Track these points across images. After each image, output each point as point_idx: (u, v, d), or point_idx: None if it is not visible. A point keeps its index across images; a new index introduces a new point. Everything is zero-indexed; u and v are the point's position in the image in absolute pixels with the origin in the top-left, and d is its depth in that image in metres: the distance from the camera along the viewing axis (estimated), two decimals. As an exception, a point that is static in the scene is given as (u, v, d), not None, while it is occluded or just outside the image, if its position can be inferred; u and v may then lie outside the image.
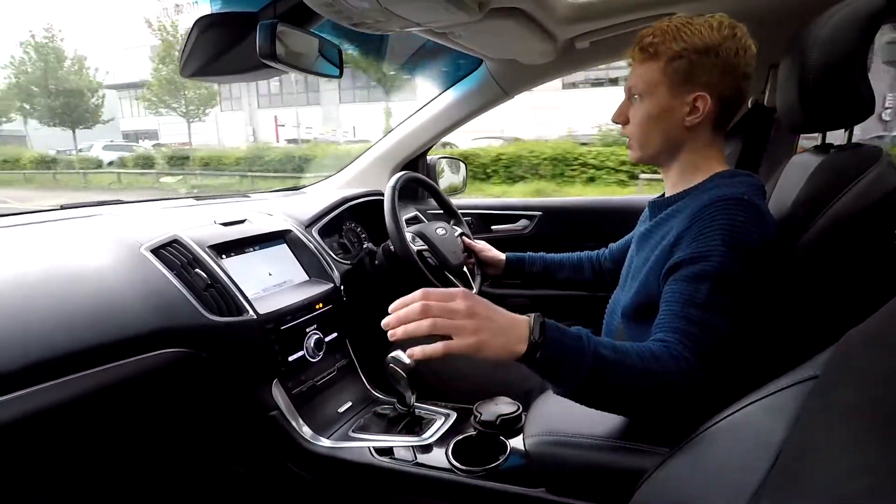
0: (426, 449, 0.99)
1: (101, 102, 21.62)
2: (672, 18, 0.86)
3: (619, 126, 0.97)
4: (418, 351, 0.68)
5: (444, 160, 1.98)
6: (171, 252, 1.02)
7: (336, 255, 1.39)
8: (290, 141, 21.10)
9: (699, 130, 0.88)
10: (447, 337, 0.66)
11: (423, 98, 1.81)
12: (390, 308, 0.71)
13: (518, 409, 0.94)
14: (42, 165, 17.41)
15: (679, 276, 0.79)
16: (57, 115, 20.88)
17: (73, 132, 21.16)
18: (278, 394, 1.06)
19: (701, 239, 0.78)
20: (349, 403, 1.16)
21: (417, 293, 0.69)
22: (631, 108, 0.92)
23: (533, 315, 0.69)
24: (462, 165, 2.06)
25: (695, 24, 0.84)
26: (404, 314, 0.68)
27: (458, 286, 1.34)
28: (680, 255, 0.80)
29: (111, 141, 20.64)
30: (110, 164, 17.26)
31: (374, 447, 1.01)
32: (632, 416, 0.79)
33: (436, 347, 0.67)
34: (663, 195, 0.99)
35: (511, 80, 1.64)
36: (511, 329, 0.68)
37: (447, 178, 2.01)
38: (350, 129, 22.05)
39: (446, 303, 0.68)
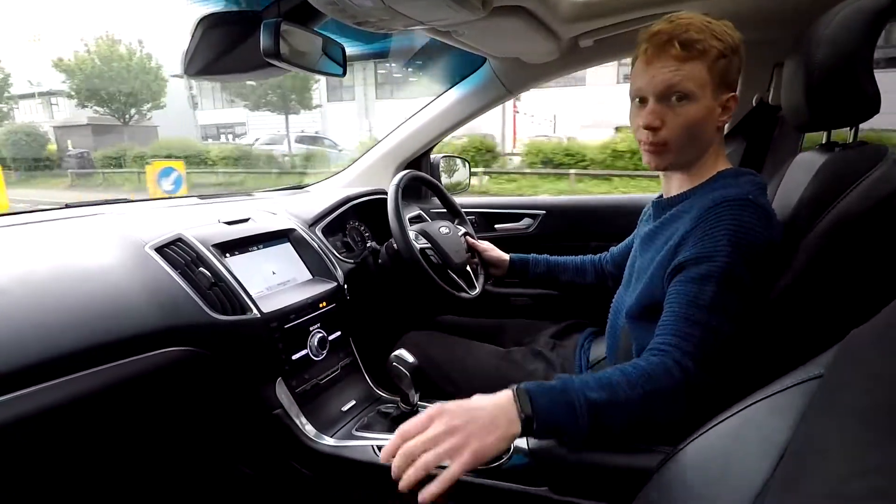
0: None
1: (312, 82, 17.95)
2: (692, 16, 0.82)
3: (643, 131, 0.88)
4: (427, 496, 0.65)
5: (447, 159, 1.98)
6: (175, 251, 1.02)
7: (339, 253, 1.39)
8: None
9: (720, 130, 0.89)
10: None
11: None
12: (381, 459, 0.70)
13: None
14: (240, 164, 13.67)
15: (683, 277, 0.79)
16: (275, 97, 17.42)
17: (286, 119, 17.89)
18: (282, 392, 1.06)
19: (706, 239, 0.78)
20: (353, 402, 1.17)
21: (395, 440, 0.68)
22: (669, 110, 0.84)
23: (513, 388, 0.70)
24: (465, 164, 2.06)
25: (714, 23, 0.82)
26: (396, 469, 0.67)
27: (460, 284, 1.35)
28: (685, 255, 0.80)
29: (302, 131, 17.63)
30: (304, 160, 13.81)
31: (377, 446, 1.01)
32: (646, 433, 0.76)
33: (438, 485, 0.65)
34: (660, 196, 0.99)
35: (515, 79, 1.64)
36: (498, 417, 0.67)
37: (450, 177, 2.01)
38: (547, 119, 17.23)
39: (424, 434, 0.66)
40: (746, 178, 0.86)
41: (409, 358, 0.97)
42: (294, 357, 1.10)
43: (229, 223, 1.18)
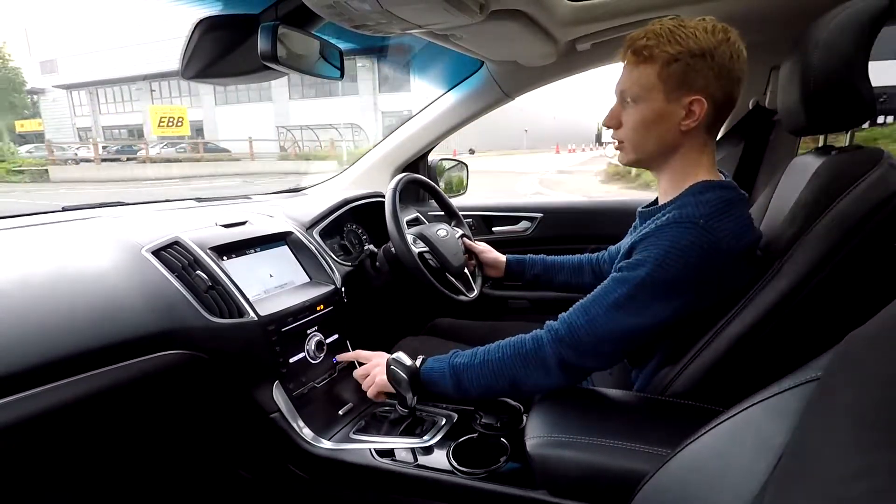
0: (427, 450, 0.98)
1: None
2: (663, 21, 0.85)
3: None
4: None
5: (445, 161, 1.99)
6: (173, 254, 1.02)
7: (337, 256, 1.39)
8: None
9: (694, 134, 0.88)
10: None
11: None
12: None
13: (519, 410, 0.94)
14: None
15: (612, 276, 0.86)
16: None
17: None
18: (279, 395, 1.06)
19: (643, 252, 0.83)
20: (350, 405, 1.16)
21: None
22: (623, 111, 0.91)
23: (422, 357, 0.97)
24: (464, 167, 2.06)
25: (688, 27, 0.83)
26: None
27: (459, 288, 1.35)
28: (624, 261, 0.86)
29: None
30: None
31: (374, 449, 1.01)
32: (514, 393, 0.91)
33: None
34: (654, 202, 0.99)
35: (512, 82, 1.64)
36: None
37: (448, 180, 2.02)
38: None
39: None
40: (712, 195, 0.85)
41: (407, 361, 0.97)
42: (291, 360, 1.09)
43: (226, 226, 1.18)
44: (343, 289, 1.28)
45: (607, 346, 0.85)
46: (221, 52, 1.01)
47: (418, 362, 0.96)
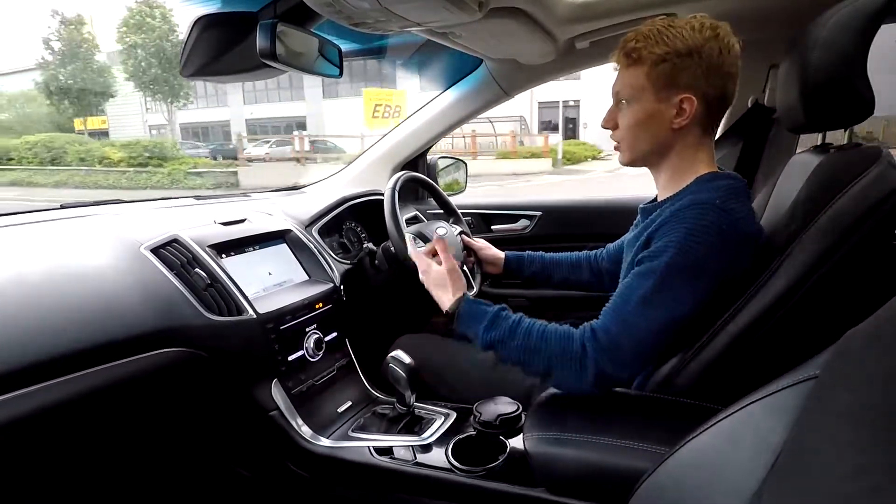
0: (426, 449, 0.99)
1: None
2: (654, 22, 0.86)
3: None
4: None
5: (443, 160, 1.98)
6: (171, 251, 1.02)
7: (336, 254, 1.39)
8: None
9: (687, 132, 0.89)
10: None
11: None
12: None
13: (518, 408, 0.94)
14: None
15: (634, 271, 0.85)
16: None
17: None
18: (278, 393, 1.06)
19: (663, 239, 0.82)
20: (349, 403, 1.16)
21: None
22: (619, 113, 0.93)
23: (466, 294, 0.97)
24: (462, 165, 2.06)
25: (677, 26, 0.84)
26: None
27: None
28: (643, 252, 0.85)
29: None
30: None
31: (373, 447, 1.01)
32: (534, 371, 0.89)
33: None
34: (654, 199, 1.00)
35: (511, 80, 1.64)
36: (441, 298, 1.01)
37: (447, 178, 2.01)
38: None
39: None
40: (721, 182, 0.87)
41: (406, 359, 0.97)
42: (290, 358, 1.09)
43: (225, 224, 1.18)
44: (342, 287, 1.28)
45: (646, 347, 0.83)
46: (220, 49, 1.01)
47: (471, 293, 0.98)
